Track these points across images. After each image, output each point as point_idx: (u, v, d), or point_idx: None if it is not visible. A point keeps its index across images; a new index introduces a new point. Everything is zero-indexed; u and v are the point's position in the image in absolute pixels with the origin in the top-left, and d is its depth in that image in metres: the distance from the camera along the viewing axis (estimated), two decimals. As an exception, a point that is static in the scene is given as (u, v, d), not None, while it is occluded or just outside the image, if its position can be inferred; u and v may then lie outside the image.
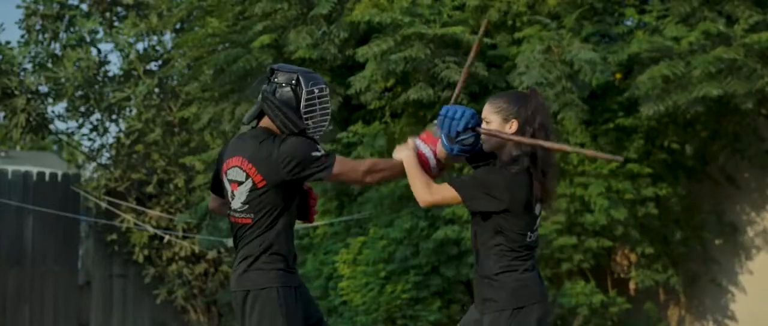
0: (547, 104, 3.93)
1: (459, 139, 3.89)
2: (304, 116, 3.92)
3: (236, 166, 3.93)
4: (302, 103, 3.91)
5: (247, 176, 3.91)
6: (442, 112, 3.94)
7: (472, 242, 3.96)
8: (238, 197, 3.94)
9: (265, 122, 3.97)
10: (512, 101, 3.89)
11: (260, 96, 3.95)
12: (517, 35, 7.70)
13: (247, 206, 3.92)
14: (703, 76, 7.18)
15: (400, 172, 3.96)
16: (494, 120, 3.89)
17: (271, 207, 3.90)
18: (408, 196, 8.11)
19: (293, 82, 3.92)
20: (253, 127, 4.04)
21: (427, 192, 3.85)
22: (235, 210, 3.97)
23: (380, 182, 4.10)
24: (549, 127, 3.87)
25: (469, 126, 3.89)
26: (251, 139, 3.94)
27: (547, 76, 7.22)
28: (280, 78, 3.94)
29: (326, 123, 3.99)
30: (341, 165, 3.90)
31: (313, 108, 3.93)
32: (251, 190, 3.90)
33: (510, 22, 7.87)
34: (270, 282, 3.88)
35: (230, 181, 3.96)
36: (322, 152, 3.88)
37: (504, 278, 3.82)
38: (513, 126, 3.85)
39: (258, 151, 3.89)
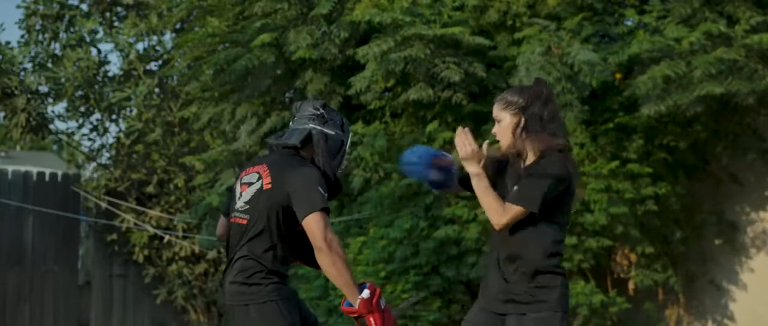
0: (549, 89, 3.92)
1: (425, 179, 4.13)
2: (341, 156, 4.09)
3: (255, 172, 3.99)
4: (346, 146, 4.11)
5: (259, 178, 3.96)
6: (403, 161, 4.15)
7: (504, 242, 3.88)
8: (243, 197, 3.97)
9: (306, 151, 4.03)
10: (516, 92, 3.90)
11: (309, 124, 4.02)
12: (516, 36, 7.71)
13: (247, 206, 3.94)
14: (703, 76, 7.19)
15: (347, 287, 3.83)
16: (504, 116, 3.89)
17: (270, 211, 3.90)
18: (408, 196, 8.14)
19: (340, 125, 4.09)
20: (290, 146, 4.05)
21: (501, 214, 3.78)
22: (235, 210, 3.99)
23: (330, 269, 3.82)
24: (557, 109, 3.88)
25: (428, 162, 4.09)
26: (284, 154, 4.02)
27: (546, 78, 7.23)
28: (333, 121, 4.07)
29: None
30: (322, 222, 3.81)
31: (346, 148, 4.13)
32: (258, 191, 3.93)
33: (510, 23, 7.89)
34: (269, 296, 3.88)
35: (242, 184, 4.01)
36: (324, 206, 3.87)
37: (553, 279, 3.82)
38: (521, 119, 3.85)
39: (282, 160, 3.99)
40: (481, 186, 3.85)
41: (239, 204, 3.97)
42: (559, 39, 7.46)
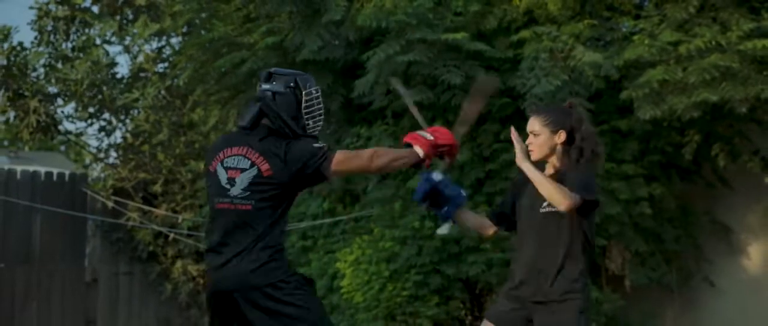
0: (584, 112, 4.37)
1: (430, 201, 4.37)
2: (306, 116, 4.06)
3: (239, 155, 4.01)
4: (303, 105, 4.07)
5: (253, 164, 3.99)
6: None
7: (544, 239, 4.25)
8: (238, 184, 3.98)
9: (264, 122, 4.06)
10: (559, 113, 4.31)
11: (257, 98, 4.06)
12: (513, 38, 7.84)
13: (247, 193, 3.97)
14: (698, 82, 7.31)
15: (410, 158, 4.08)
16: (543, 131, 4.28)
17: (273, 197, 3.96)
18: (409, 196, 8.25)
19: (291, 85, 4.06)
20: (246, 127, 4.09)
21: (566, 196, 4.06)
22: (233, 197, 3.99)
23: (390, 167, 4.11)
24: (594, 134, 4.30)
25: (427, 188, 4.36)
26: (252, 135, 4.04)
27: (554, 83, 7.35)
28: (279, 82, 4.06)
29: (322, 120, 4.15)
30: (343, 153, 3.97)
31: (312, 108, 4.09)
32: (256, 177, 3.97)
33: (505, 26, 8.01)
34: (297, 276, 3.97)
35: (228, 168, 4.01)
36: (322, 145, 3.98)
37: (584, 280, 4.21)
38: (561, 136, 4.26)
39: (263, 144, 4.00)
40: (537, 175, 4.14)
41: (236, 191, 3.98)
42: (563, 43, 7.58)
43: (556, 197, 4.06)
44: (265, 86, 4.07)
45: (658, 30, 7.63)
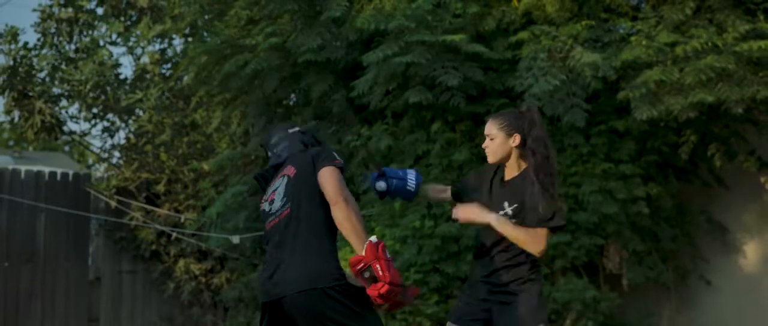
0: (540, 118, 4.44)
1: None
2: None
3: (282, 177, 4.25)
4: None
5: (286, 175, 4.22)
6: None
7: (494, 246, 4.41)
8: (276, 198, 4.18)
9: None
10: (513, 118, 4.43)
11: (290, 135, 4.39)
12: (512, 39, 7.91)
13: (285, 198, 4.14)
14: (694, 82, 7.36)
15: (357, 245, 3.93)
16: (498, 135, 4.42)
17: (308, 195, 4.08)
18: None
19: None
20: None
21: (537, 243, 4.25)
22: (274, 213, 4.17)
23: (344, 225, 3.94)
24: (545, 137, 4.40)
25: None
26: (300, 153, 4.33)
27: (553, 82, 7.42)
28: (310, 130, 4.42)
29: None
30: (337, 173, 4.03)
31: None
32: (287, 184, 4.16)
33: (504, 27, 8.08)
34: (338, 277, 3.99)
35: (271, 192, 4.25)
36: (339, 159, 4.12)
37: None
38: (516, 139, 4.38)
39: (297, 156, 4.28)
40: (507, 227, 4.29)
41: (276, 206, 4.18)
42: (562, 44, 7.64)
43: (531, 248, 4.26)
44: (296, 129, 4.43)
45: (655, 31, 7.68)
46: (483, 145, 4.51)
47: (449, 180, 8.12)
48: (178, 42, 11.02)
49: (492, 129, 4.45)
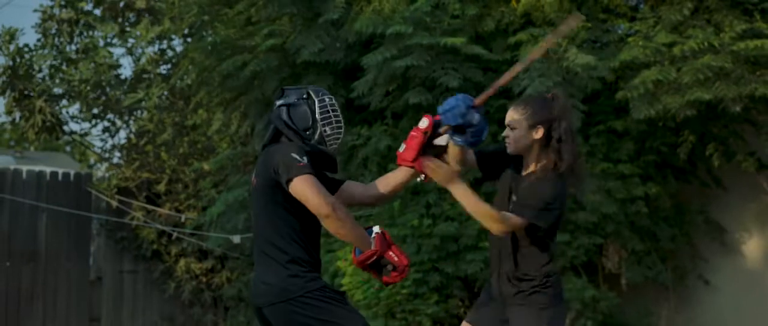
0: (569, 105, 4.05)
1: (466, 121, 3.88)
2: (322, 123, 4.01)
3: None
4: (317, 113, 4.00)
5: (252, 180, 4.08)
6: (441, 109, 3.93)
7: (501, 244, 4.04)
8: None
9: (282, 139, 4.06)
10: (538, 106, 3.99)
11: (272, 117, 4.09)
12: (511, 40, 7.94)
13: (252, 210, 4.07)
14: (692, 82, 7.37)
15: (363, 245, 3.88)
16: (520, 125, 3.98)
17: (264, 203, 3.93)
18: (410, 195, 8.33)
19: (304, 96, 4.02)
20: (264, 144, 4.12)
21: (498, 222, 3.86)
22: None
23: (340, 234, 3.84)
24: (574, 129, 3.98)
25: (469, 105, 3.87)
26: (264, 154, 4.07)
27: (548, 84, 7.41)
28: (291, 95, 4.04)
29: (342, 130, 4.05)
30: (310, 185, 3.78)
31: (328, 115, 4.02)
32: (251, 195, 4.07)
33: (503, 28, 8.11)
34: (303, 288, 3.88)
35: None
36: (302, 161, 3.83)
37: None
38: (539, 133, 3.95)
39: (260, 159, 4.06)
40: (468, 198, 3.90)
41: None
42: (557, 46, 7.67)
43: (490, 224, 3.89)
44: (279, 102, 4.07)
45: (652, 32, 7.72)
46: (503, 134, 4.08)
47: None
48: (177, 42, 11.05)
49: (513, 116, 4.01)
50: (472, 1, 7.98)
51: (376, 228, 3.89)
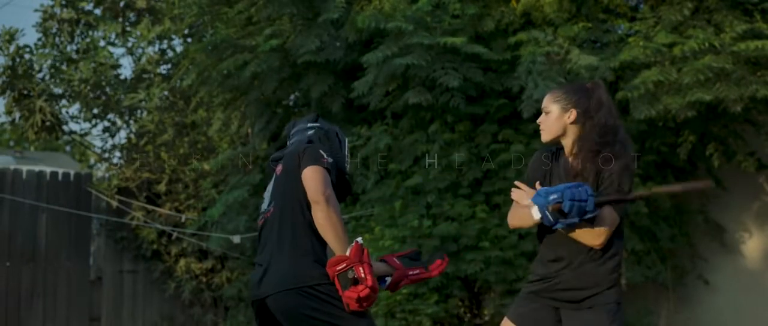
0: (608, 96, 3.94)
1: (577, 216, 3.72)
2: (346, 156, 4.23)
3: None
4: (346, 148, 4.25)
5: (275, 173, 4.17)
6: (569, 196, 3.68)
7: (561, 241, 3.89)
8: (266, 196, 4.16)
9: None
10: (573, 91, 3.93)
11: (308, 132, 4.20)
12: (511, 40, 7.95)
13: (271, 197, 4.10)
14: (692, 82, 7.39)
15: (341, 249, 3.82)
16: (554, 109, 3.91)
17: (284, 192, 4.02)
18: (410, 195, 8.35)
19: (335, 131, 4.25)
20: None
21: (596, 236, 3.79)
22: (263, 212, 4.14)
23: (326, 231, 3.85)
24: (613, 124, 3.87)
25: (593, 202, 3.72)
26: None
27: (549, 85, 7.45)
28: (327, 126, 4.25)
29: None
30: (321, 173, 3.92)
31: (348, 155, 4.28)
32: (275, 182, 4.13)
33: (503, 28, 8.12)
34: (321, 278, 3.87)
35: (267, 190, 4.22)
36: (327, 158, 3.98)
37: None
38: (571, 115, 3.86)
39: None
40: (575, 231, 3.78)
41: (264, 205, 4.16)
42: (558, 47, 7.68)
43: (584, 240, 3.79)
44: (310, 124, 4.24)
45: (653, 32, 7.74)
46: (538, 121, 4.00)
47: (448, 181, 8.17)
48: (177, 42, 11.06)
49: (548, 101, 3.94)
50: (472, 1, 8.00)
51: (358, 239, 3.87)
